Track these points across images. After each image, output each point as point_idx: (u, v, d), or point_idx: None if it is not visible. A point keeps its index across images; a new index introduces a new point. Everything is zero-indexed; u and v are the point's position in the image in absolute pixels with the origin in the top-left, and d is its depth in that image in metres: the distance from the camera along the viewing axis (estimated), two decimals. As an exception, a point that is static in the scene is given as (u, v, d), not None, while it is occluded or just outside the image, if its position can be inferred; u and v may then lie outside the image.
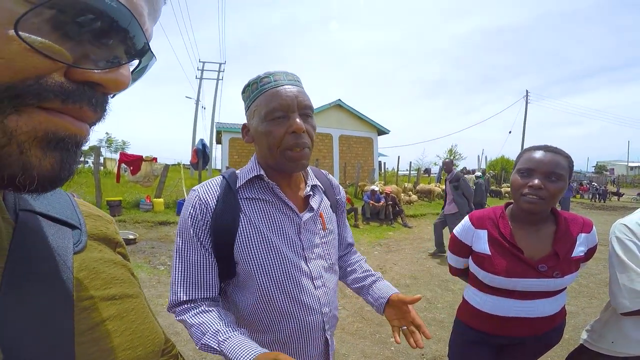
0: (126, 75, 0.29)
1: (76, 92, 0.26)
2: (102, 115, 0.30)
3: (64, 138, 0.26)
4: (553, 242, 1.14)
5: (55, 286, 0.32)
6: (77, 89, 0.26)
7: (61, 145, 0.26)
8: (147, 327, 0.41)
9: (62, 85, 0.25)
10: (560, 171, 1.07)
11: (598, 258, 4.97)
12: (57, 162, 0.26)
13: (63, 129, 0.26)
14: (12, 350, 0.26)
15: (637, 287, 1.04)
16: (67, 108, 0.26)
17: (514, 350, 1.27)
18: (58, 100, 0.25)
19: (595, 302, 3.58)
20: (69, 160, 0.28)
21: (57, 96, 0.25)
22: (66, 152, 0.27)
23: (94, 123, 0.30)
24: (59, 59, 0.24)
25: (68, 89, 0.25)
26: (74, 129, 0.27)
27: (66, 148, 0.27)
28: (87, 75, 0.26)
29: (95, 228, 0.43)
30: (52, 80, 0.25)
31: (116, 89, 0.29)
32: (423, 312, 3.34)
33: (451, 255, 1.37)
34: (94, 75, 0.27)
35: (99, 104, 0.29)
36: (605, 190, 19.18)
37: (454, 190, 5.24)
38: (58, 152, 0.26)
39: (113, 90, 0.29)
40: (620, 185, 28.41)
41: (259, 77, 0.81)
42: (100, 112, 0.29)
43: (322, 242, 0.89)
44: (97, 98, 0.28)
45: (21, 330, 0.28)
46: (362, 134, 16.05)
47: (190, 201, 0.82)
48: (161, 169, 8.03)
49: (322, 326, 0.86)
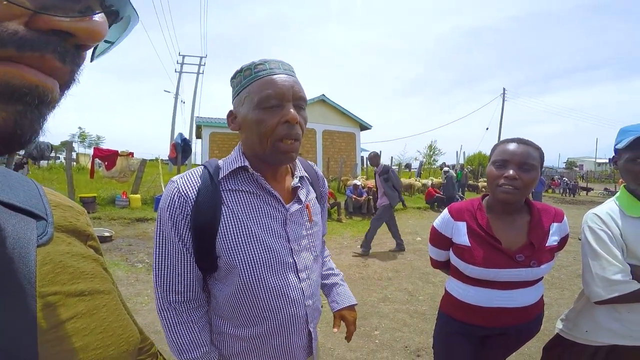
0: (101, 23, 0.26)
1: (37, 41, 0.23)
2: (74, 69, 0.26)
3: (20, 89, 0.23)
4: (528, 232, 1.18)
5: (14, 281, 0.29)
6: (38, 37, 0.23)
7: (17, 97, 0.23)
8: (121, 325, 0.38)
9: (18, 33, 0.22)
10: (533, 161, 1.11)
11: (568, 250, 5.24)
12: (11, 116, 0.23)
13: (18, 78, 0.23)
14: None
15: (609, 276, 1.07)
16: (23, 56, 0.23)
17: (496, 341, 1.30)
18: (12, 47, 0.22)
19: (567, 293, 3.72)
20: (29, 117, 0.24)
21: (11, 44, 0.22)
22: (25, 107, 0.24)
23: (66, 80, 0.27)
24: (16, 2, 0.21)
25: (25, 37, 0.22)
26: (32, 79, 0.24)
27: (24, 101, 0.23)
28: (53, 23, 0.23)
29: (64, 219, 0.40)
30: (7, 28, 0.22)
31: (90, 39, 0.26)
32: (405, 304, 3.40)
33: (432, 248, 1.39)
34: (61, 23, 0.24)
35: (69, 55, 0.25)
36: (575, 185, 20.09)
37: (385, 182, 5.29)
38: (12, 105, 0.23)
39: (86, 41, 0.26)
40: (589, 180, 29.92)
41: (253, 63, 0.78)
42: (70, 64, 0.26)
43: (307, 234, 0.89)
44: (67, 48, 0.25)
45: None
46: (346, 129, 16.14)
47: (169, 193, 0.78)
48: (138, 164, 7.79)
49: (305, 319, 0.85)
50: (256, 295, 0.78)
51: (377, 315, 3.13)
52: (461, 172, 14.03)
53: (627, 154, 1.13)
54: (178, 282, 0.78)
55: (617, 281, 1.06)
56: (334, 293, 1.07)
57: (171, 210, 0.76)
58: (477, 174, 19.17)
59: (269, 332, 0.81)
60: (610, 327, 1.15)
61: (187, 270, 0.78)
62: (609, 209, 1.18)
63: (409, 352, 2.50)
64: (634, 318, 1.11)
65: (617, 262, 1.08)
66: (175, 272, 0.78)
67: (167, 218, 0.76)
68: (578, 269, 4.58)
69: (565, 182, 20.03)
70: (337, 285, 1.09)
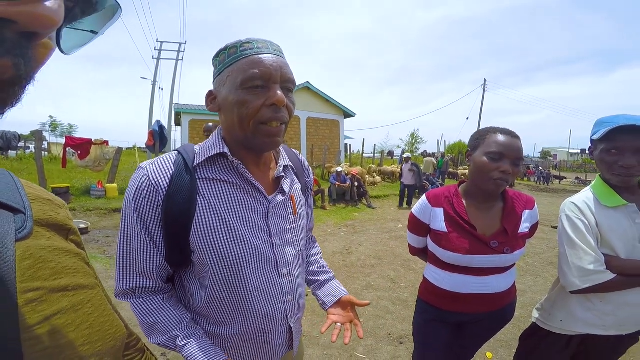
0: (51, 7, 0.22)
1: None
2: (17, 61, 0.23)
3: None
4: (502, 219, 1.21)
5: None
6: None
7: None
8: (107, 321, 0.37)
9: None
10: (522, 156, 1.15)
11: (542, 238, 5.47)
12: None
13: None
14: None
15: (585, 266, 1.10)
16: None
17: (473, 327, 1.34)
18: None
19: (541, 280, 3.86)
20: None
21: None
22: None
23: (9, 76, 0.23)
24: None
25: None
26: None
27: None
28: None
29: (44, 213, 0.38)
30: None
31: (36, 26, 0.22)
32: (388, 292, 3.47)
33: (411, 235, 1.40)
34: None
35: (5, 45, 0.22)
36: (548, 173, 20.93)
37: None
38: None
39: (32, 27, 0.22)
40: (561, 170, 31.25)
41: (239, 41, 0.71)
42: (10, 57, 0.22)
43: (291, 227, 0.83)
44: (3, 37, 0.21)
45: None
46: (330, 116, 16.11)
47: (137, 181, 0.70)
48: (113, 153, 7.51)
49: (285, 315, 0.82)
50: (233, 293, 0.74)
51: (360, 303, 3.18)
52: (442, 160, 14.32)
53: (603, 144, 1.15)
54: (140, 277, 0.73)
55: (593, 271, 1.09)
56: (329, 287, 1.01)
57: (138, 200, 0.69)
58: (457, 161, 19.62)
59: (247, 329, 0.78)
60: (584, 317, 1.18)
61: (151, 267, 0.72)
62: (586, 198, 1.19)
63: (392, 339, 2.57)
64: (606, 308, 1.14)
65: (593, 252, 1.10)
66: (139, 267, 0.72)
67: (132, 209, 0.69)
68: (551, 257, 4.81)
69: (540, 171, 20.83)
70: (332, 280, 1.04)
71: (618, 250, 1.11)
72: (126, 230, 0.72)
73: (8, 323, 0.27)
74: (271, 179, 0.83)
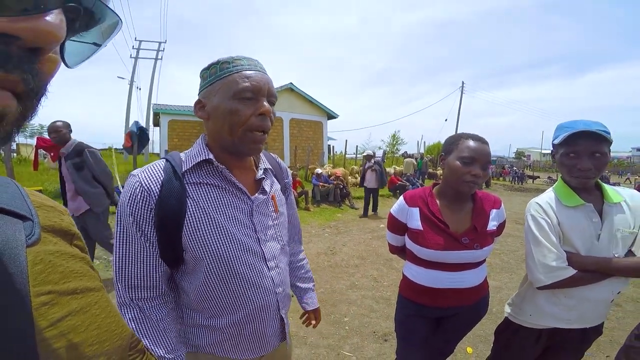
0: (53, 23, 0.23)
1: None
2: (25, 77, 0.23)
3: None
4: (472, 217, 1.31)
5: (7, 282, 0.29)
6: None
7: None
8: (113, 321, 0.39)
9: None
10: (490, 160, 1.25)
11: (517, 236, 5.69)
12: None
13: None
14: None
15: (549, 263, 1.17)
16: None
17: (450, 321, 1.42)
18: None
19: (516, 277, 4.01)
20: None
21: None
22: None
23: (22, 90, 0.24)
24: None
25: None
26: None
27: None
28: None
29: (49, 219, 0.39)
30: None
31: (39, 41, 0.23)
32: (371, 290, 3.54)
33: (390, 234, 1.49)
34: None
35: (12, 61, 0.22)
36: (523, 173, 21.80)
37: (77, 172, 2.98)
38: None
39: (35, 43, 0.23)
40: (535, 170, 32.59)
41: (231, 57, 0.82)
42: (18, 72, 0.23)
43: (274, 224, 0.91)
44: (10, 54, 0.22)
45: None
46: (313, 117, 16.09)
47: (130, 187, 0.77)
48: (90, 154, 7.23)
49: (277, 306, 0.88)
50: (227, 286, 0.80)
51: (346, 302, 3.24)
52: (421, 160, 14.65)
53: (562, 148, 1.22)
54: (141, 278, 0.77)
55: (556, 267, 1.16)
56: (307, 297, 1.20)
57: (133, 204, 0.75)
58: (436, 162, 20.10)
59: (242, 320, 0.83)
60: (551, 311, 1.25)
61: (150, 266, 0.78)
62: (549, 198, 1.27)
63: (377, 336, 2.63)
64: (570, 302, 1.21)
65: (556, 250, 1.18)
66: (138, 268, 0.77)
67: (127, 213, 0.75)
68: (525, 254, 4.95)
69: (515, 171, 21.65)
70: (310, 291, 1.21)
71: (578, 248, 1.19)
72: (122, 233, 0.77)
73: (26, 326, 0.29)
74: (253, 181, 0.90)
